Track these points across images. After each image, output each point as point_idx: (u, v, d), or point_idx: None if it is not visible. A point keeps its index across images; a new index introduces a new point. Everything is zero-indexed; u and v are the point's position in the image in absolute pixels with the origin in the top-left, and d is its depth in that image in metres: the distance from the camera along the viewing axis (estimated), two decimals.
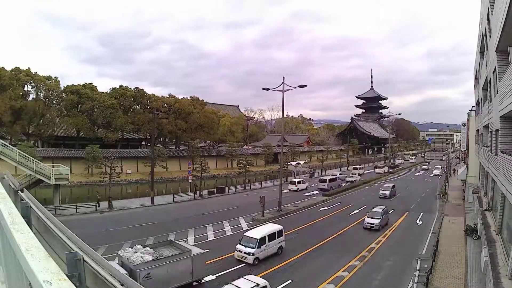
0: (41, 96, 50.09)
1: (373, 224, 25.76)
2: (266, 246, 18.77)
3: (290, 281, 16.22)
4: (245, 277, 14.36)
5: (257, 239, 18.40)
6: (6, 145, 29.19)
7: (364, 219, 26.91)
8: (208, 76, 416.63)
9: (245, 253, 18.25)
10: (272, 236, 19.33)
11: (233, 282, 13.75)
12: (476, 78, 33.96)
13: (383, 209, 27.15)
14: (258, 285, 13.50)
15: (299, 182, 46.21)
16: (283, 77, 29.91)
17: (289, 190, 43.66)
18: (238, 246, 18.80)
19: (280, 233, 20.02)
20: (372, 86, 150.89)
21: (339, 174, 56.69)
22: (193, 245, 19.78)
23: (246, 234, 19.44)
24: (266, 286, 13.83)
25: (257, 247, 18.20)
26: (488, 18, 18.51)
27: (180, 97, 64.05)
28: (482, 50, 24.22)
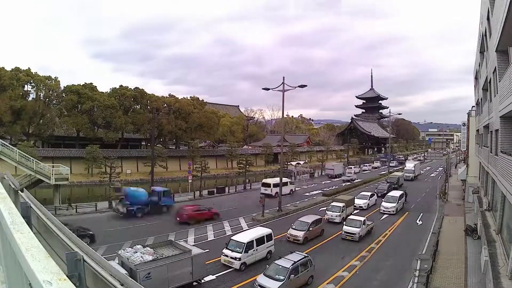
0: (41, 96, 50.09)
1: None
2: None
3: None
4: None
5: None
6: (6, 145, 29.18)
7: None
8: (232, 74, 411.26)
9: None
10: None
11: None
12: (476, 78, 33.96)
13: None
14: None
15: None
16: (283, 77, 29.91)
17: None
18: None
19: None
20: (372, 86, 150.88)
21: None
22: (193, 245, 19.81)
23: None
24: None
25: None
26: (488, 18, 18.51)
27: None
28: (482, 50, 24.22)
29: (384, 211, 31.70)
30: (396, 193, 34.22)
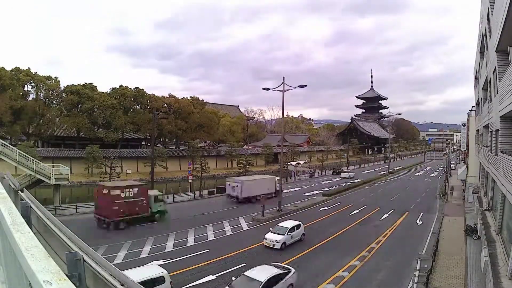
0: (41, 96, 50.17)
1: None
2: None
3: None
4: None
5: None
6: (6, 145, 29.18)
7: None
8: (260, 71, 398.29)
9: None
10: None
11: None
12: (476, 78, 33.97)
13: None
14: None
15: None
16: (283, 77, 29.92)
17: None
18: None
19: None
20: (372, 86, 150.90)
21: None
22: (193, 244, 19.88)
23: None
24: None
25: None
26: (488, 18, 18.51)
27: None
28: (482, 50, 24.22)
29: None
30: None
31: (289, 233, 21.24)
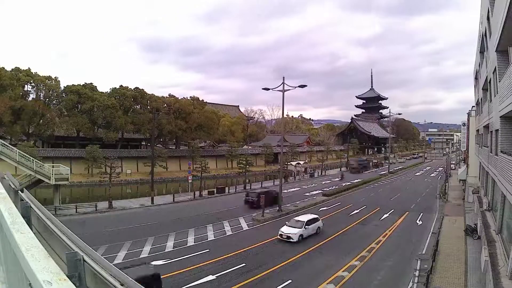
0: (41, 96, 50.21)
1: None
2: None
3: (290, 281, 16.20)
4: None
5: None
6: (6, 145, 29.18)
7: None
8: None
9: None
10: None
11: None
12: (476, 78, 33.97)
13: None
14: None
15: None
16: (283, 77, 29.94)
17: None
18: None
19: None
20: (372, 86, 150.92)
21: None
22: (193, 244, 19.87)
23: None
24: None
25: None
26: (488, 18, 18.52)
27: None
28: (482, 50, 24.23)
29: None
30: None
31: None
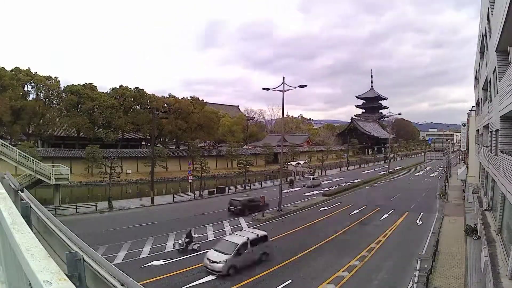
0: (41, 96, 50.16)
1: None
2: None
3: (290, 281, 16.21)
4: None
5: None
6: (6, 145, 29.19)
7: None
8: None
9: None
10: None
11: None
12: (476, 78, 33.97)
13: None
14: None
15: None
16: (283, 77, 29.94)
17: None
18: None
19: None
20: (372, 86, 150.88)
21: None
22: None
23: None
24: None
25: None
26: (488, 18, 18.51)
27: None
28: (482, 50, 24.21)
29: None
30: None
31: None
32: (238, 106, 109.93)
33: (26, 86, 48.36)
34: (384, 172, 65.58)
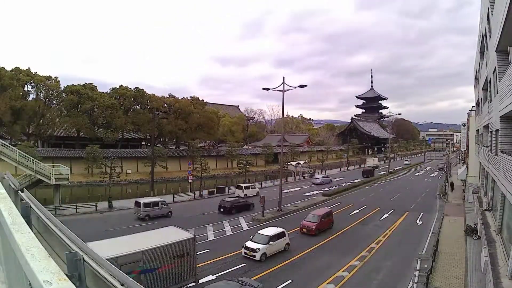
0: (41, 96, 50.15)
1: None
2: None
3: (290, 281, 16.22)
4: None
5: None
6: (6, 145, 29.18)
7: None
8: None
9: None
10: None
11: None
12: (476, 78, 33.95)
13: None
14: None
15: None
16: (283, 77, 29.91)
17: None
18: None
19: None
20: (372, 86, 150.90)
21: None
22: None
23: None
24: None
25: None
26: (488, 18, 18.49)
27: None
28: (482, 50, 24.19)
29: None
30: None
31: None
32: (238, 106, 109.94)
33: (26, 86, 48.36)
34: (384, 172, 65.60)
